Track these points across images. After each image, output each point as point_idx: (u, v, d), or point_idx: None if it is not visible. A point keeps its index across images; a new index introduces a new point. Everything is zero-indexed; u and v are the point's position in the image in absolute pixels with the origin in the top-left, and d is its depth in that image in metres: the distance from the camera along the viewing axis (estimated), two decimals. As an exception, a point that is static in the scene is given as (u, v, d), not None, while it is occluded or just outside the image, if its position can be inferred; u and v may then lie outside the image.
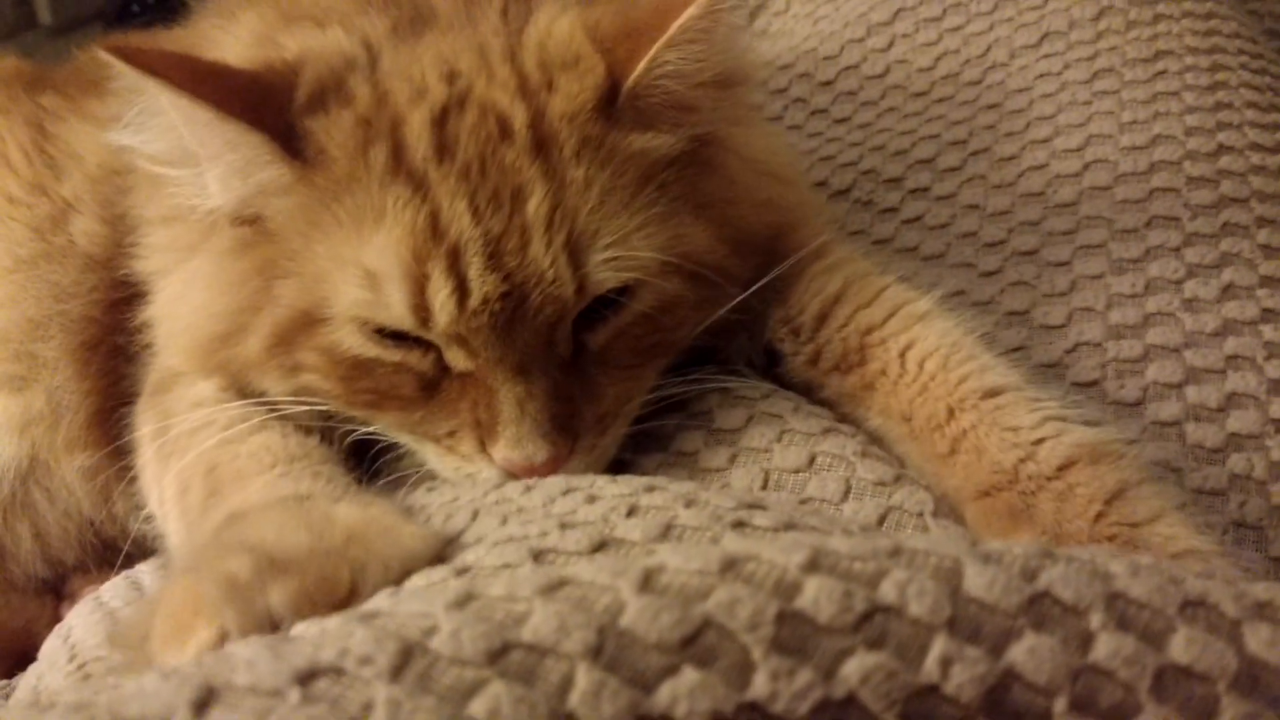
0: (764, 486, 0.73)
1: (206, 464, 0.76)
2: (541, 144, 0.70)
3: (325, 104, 0.71)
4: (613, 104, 0.71)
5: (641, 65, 0.71)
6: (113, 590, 0.88)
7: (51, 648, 0.83)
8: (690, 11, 0.69)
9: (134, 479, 0.88)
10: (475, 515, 0.65)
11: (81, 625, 0.82)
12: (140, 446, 0.87)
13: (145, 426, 0.86)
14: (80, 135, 1.02)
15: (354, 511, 0.62)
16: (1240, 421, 0.79)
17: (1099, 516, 0.65)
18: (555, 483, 0.67)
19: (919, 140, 1.11)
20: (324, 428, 0.79)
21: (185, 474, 0.78)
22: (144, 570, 0.90)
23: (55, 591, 1.06)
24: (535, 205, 0.68)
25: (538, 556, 0.54)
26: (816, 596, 0.45)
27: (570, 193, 0.69)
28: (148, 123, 0.73)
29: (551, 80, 0.72)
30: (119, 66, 0.68)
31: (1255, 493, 0.76)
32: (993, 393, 0.73)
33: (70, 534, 1.03)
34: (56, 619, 1.02)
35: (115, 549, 1.03)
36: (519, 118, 0.70)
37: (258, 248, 0.74)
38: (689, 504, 0.61)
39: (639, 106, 0.72)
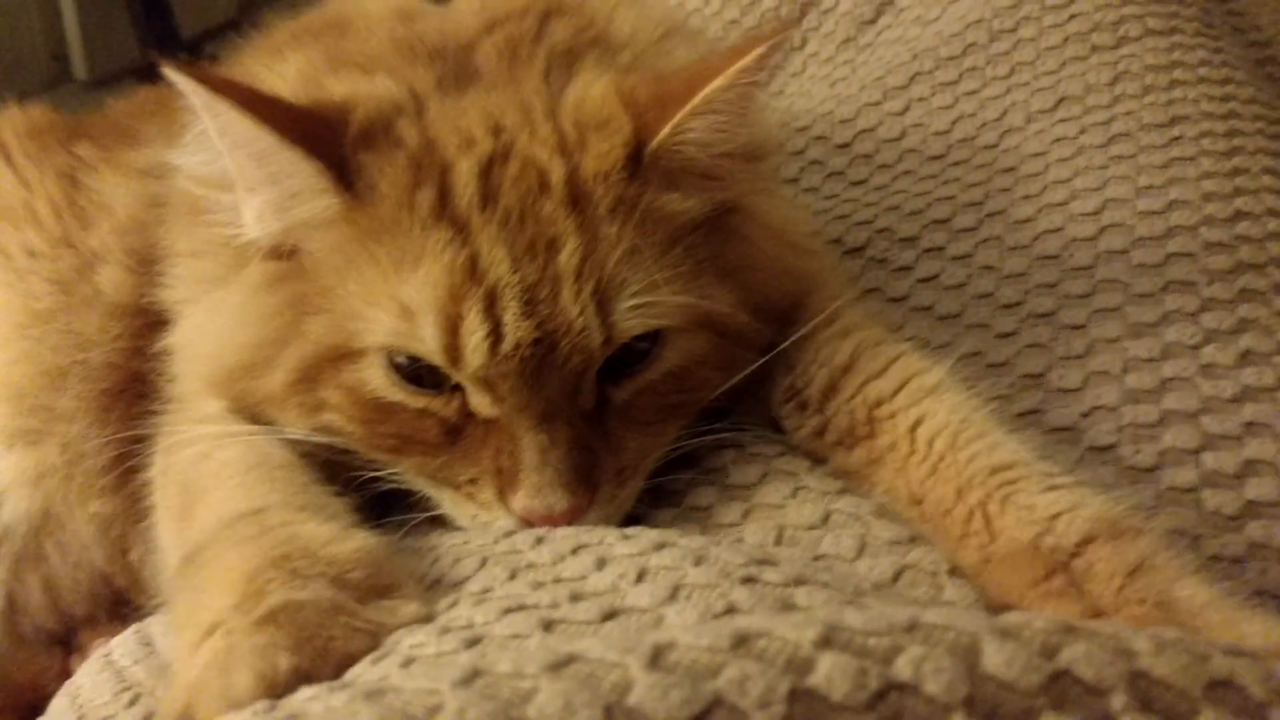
0: (777, 542, 0.73)
1: (181, 483, 0.77)
2: (576, 199, 0.72)
3: (376, 142, 0.74)
4: (639, 164, 0.74)
5: (666, 130, 0.73)
6: (123, 647, 0.87)
7: (60, 706, 0.82)
8: (716, 82, 0.72)
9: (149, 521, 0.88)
10: (484, 562, 0.65)
11: (90, 684, 0.81)
12: (154, 468, 0.87)
13: (160, 446, 0.87)
14: (112, 186, 1.04)
15: (330, 539, 0.64)
16: (1258, 489, 0.78)
17: (1121, 589, 0.65)
18: (566, 538, 0.67)
19: (934, 201, 1.11)
20: (330, 461, 0.79)
21: (166, 492, 0.80)
22: (155, 624, 0.89)
23: (64, 644, 1.05)
24: (567, 256, 0.70)
25: (548, 627, 0.54)
26: (830, 673, 0.44)
27: (601, 246, 0.71)
28: (204, 144, 0.74)
29: (585, 139, 0.74)
30: (187, 85, 0.70)
31: (1275, 560, 0.74)
32: (1001, 469, 0.72)
33: (81, 586, 1.03)
34: (65, 672, 1.02)
35: (126, 601, 1.03)
36: (557, 173, 0.72)
37: (290, 283, 0.75)
38: (698, 561, 0.61)
39: (663, 169, 0.74)
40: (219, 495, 0.72)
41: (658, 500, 0.78)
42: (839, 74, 1.40)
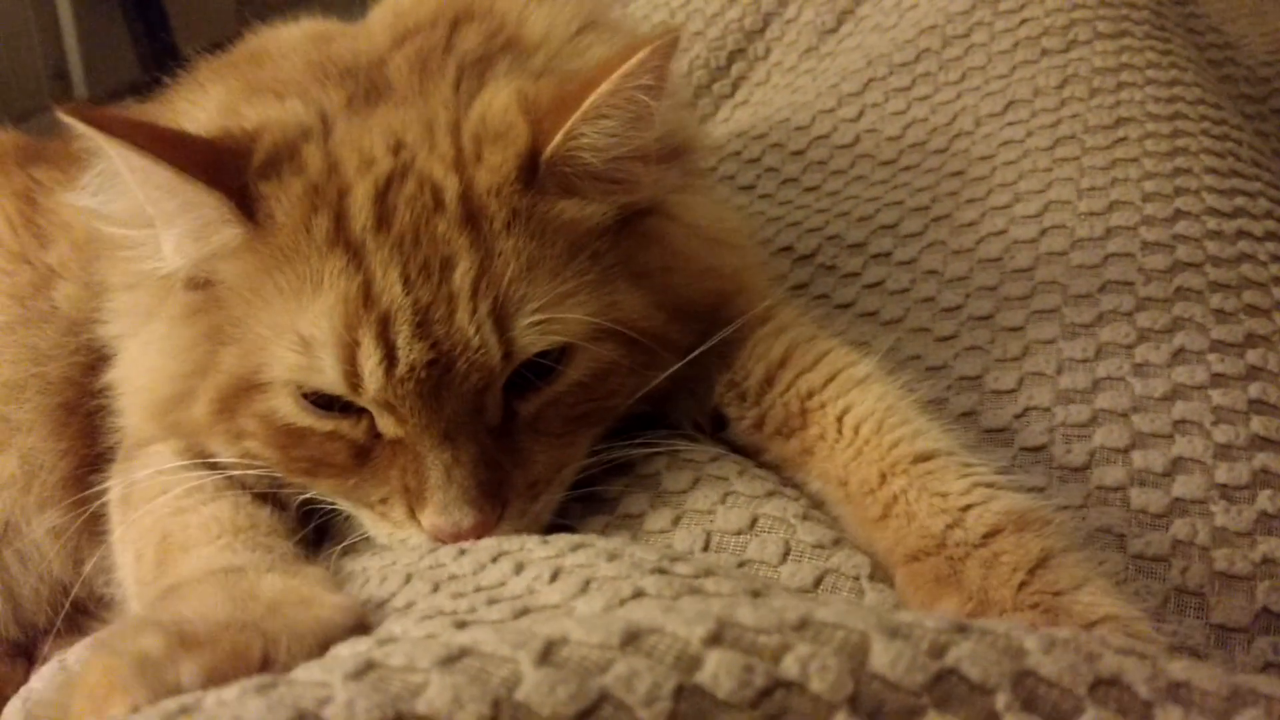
0: (705, 548, 0.73)
1: (159, 533, 0.78)
2: (470, 215, 0.72)
3: (279, 170, 0.73)
4: (534, 174, 0.73)
5: (558, 137, 0.72)
6: (78, 652, 0.88)
7: (10, 710, 0.83)
8: (602, 88, 0.71)
9: (104, 541, 0.90)
10: (408, 579, 0.66)
11: (42, 687, 0.83)
12: (110, 511, 0.88)
13: (114, 491, 0.88)
14: (70, 208, 1.05)
15: (278, 582, 0.64)
16: (1185, 487, 0.79)
17: (1023, 585, 0.65)
18: (487, 547, 0.68)
19: (884, 207, 1.12)
20: (274, 492, 0.80)
21: (140, 542, 0.80)
22: (113, 633, 0.91)
23: (27, 655, 1.06)
24: (461, 275, 0.70)
25: (461, 628, 0.55)
26: (716, 671, 0.45)
27: (498, 262, 0.71)
28: (107, 184, 0.75)
29: (480, 152, 0.74)
30: (81, 129, 0.70)
31: (1198, 558, 0.75)
32: (924, 457, 0.73)
33: (42, 596, 1.04)
34: (27, 683, 1.03)
35: (86, 612, 1.04)
36: (450, 189, 0.72)
37: (207, 314, 0.76)
38: (611, 558, 0.62)
39: (558, 176, 0.74)
40: (206, 552, 0.73)
41: (591, 508, 0.79)
42: (800, 82, 1.41)
